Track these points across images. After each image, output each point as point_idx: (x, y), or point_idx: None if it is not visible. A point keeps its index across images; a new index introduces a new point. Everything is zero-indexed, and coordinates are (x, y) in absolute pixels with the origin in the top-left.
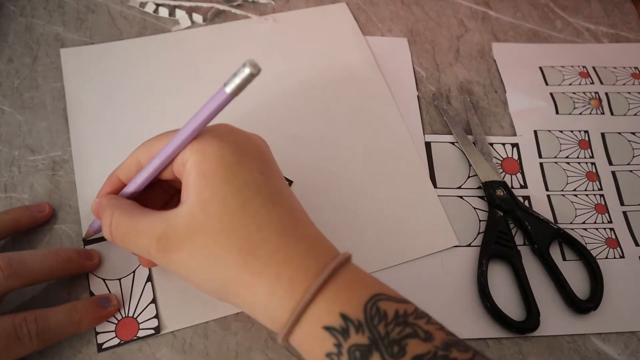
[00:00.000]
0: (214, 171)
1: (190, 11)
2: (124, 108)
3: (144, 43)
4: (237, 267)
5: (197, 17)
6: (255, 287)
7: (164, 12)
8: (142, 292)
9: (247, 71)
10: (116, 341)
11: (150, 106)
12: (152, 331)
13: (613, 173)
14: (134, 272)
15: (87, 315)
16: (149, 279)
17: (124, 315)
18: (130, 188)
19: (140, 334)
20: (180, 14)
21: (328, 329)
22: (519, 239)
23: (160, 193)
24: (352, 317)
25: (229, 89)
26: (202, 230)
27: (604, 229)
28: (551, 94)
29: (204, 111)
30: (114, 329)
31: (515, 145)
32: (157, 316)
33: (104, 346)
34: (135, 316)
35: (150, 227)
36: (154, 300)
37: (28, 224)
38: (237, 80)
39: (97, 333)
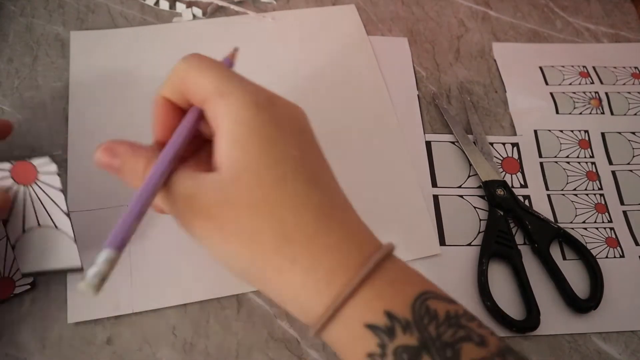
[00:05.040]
0: (249, 141)
1: (190, 6)
2: (124, 93)
3: (152, 31)
4: (268, 249)
5: (197, 12)
6: (287, 273)
7: (164, 4)
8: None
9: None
10: None
11: (150, 93)
12: (29, 286)
13: (613, 172)
14: (7, 235)
15: None
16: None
17: None
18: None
19: (17, 290)
20: (180, 8)
21: (371, 327)
22: (519, 239)
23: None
24: (398, 316)
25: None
26: (233, 202)
27: (604, 228)
28: (551, 94)
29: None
30: None
31: (515, 144)
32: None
33: None
34: (11, 275)
35: (181, 184)
36: None
37: None
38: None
39: None
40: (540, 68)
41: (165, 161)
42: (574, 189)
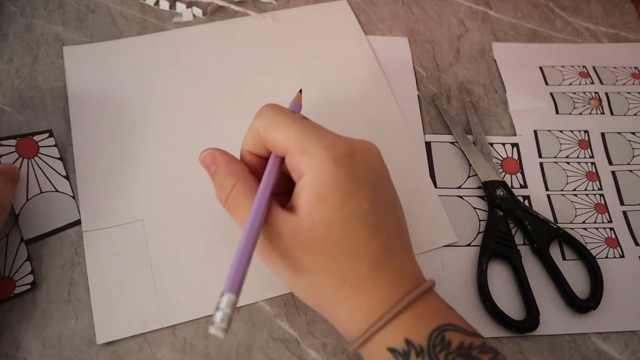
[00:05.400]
0: (327, 196)
1: (190, 6)
2: (125, 105)
3: (146, 41)
4: (329, 289)
5: (197, 12)
6: (339, 307)
7: (164, 4)
8: (16, 252)
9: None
10: None
11: (151, 103)
12: (29, 286)
13: (613, 173)
14: (7, 235)
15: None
16: (22, 239)
17: None
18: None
19: (17, 290)
20: (180, 7)
21: (392, 350)
22: (518, 239)
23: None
24: (415, 343)
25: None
26: (305, 248)
27: (604, 228)
28: (551, 94)
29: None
30: None
31: (515, 145)
32: (32, 272)
33: None
34: (11, 275)
35: (276, 224)
36: (29, 258)
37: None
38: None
39: None
40: (540, 68)
41: (259, 213)
42: (574, 189)
